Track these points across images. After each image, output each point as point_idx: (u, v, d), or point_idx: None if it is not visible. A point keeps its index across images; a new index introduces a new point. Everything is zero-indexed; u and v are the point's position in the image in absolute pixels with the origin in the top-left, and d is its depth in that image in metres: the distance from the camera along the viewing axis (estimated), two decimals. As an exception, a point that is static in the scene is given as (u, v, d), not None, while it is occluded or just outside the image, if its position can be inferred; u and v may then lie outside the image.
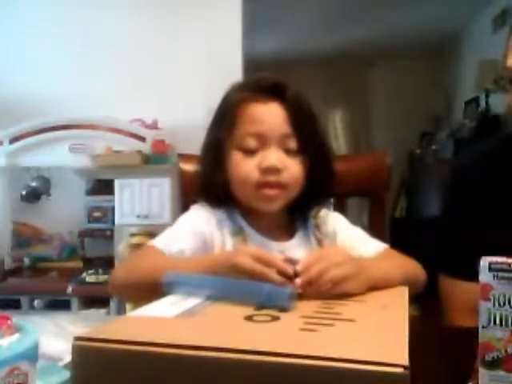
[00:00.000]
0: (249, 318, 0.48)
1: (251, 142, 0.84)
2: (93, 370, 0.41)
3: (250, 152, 0.84)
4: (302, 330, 0.45)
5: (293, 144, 0.85)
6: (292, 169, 0.84)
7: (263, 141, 0.84)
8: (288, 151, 0.85)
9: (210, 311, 0.51)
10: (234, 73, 2.62)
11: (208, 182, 0.89)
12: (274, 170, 0.83)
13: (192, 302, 0.53)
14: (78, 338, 0.41)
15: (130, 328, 0.45)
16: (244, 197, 0.87)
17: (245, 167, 0.84)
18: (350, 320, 0.48)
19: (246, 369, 0.38)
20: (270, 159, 0.83)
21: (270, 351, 0.37)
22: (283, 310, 0.50)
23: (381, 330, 0.46)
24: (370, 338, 0.43)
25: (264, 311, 0.50)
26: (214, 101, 0.92)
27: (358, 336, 0.44)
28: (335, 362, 0.36)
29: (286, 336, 0.44)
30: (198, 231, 0.85)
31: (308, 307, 0.53)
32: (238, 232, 0.88)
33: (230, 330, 0.45)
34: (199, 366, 0.39)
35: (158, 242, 0.83)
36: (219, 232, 0.87)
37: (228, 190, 0.88)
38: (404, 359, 0.36)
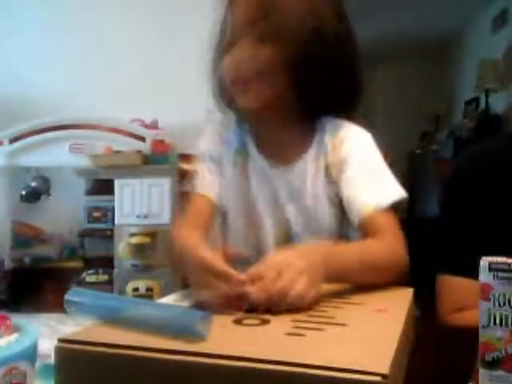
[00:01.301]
0: (238, 322, 0.48)
1: (226, 37, 0.82)
2: (74, 373, 0.41)
3: (227, 48, 0.81)
4: (290, 334, 0.45)
5: (263, 28, 0.76)
6: (258, 58, 0.77)
7: (235, 32, 0.79)
8: (260, 37, 0.76)
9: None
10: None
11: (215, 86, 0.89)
12: (236, 69, 0.79)
13: (188, 303, 0.53)
14: (61, 340, 0.41)
15: (113, 331, 0.45)
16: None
17: (223, 67, 0.82)
18: (342, 324, 0.48)
19: (229, 375, 0.38)
20: (228, 61, 0.79)
21: (254, 357, 0.38)
22: (198, 337, 0.43)
23: (369, 336, 0.46)
24: (355, 345, 0.43)
25: (253, 315, 0.50)
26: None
27: (344, 342, 0.44)
28: (315, 370, 0.36)
29: (271, 341, 0.44)
30: (210, 156, 0.88)
31: (301, 311, 0.53)
32: (240, 152, 0.87)
33: (216, 334, 0.45)
34: (183, 371, 0.39)
35: (198, 188, 0.86)
36: (225, 150, 0.88)
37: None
38: (385, 367, 0.36)
